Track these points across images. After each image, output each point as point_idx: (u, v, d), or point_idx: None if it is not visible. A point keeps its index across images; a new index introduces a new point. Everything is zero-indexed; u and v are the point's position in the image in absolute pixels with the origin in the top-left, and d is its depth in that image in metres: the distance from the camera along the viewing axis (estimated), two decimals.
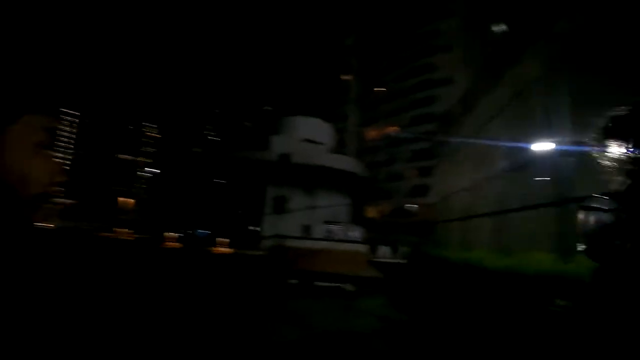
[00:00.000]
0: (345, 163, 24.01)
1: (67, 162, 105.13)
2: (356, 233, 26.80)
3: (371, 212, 50.91)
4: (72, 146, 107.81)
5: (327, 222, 24.46)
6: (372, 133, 57.88)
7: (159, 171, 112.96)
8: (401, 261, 12.20)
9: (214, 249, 21.34)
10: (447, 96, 47.58)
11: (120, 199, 63.81)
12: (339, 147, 46.67)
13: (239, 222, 25.67)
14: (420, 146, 48.64)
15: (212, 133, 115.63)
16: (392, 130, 54.63)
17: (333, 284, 7.46)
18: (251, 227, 24.49)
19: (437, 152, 43.90)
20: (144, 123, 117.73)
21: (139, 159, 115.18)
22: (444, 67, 48.48)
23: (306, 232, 22.20)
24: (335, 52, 65.96)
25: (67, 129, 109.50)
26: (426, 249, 10.65)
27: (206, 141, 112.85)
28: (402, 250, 17.12)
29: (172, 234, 24.14)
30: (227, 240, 21.76)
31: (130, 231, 28.40)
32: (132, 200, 60.93)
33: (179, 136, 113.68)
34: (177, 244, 20.81)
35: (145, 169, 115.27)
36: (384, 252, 17.61)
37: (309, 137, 23.46)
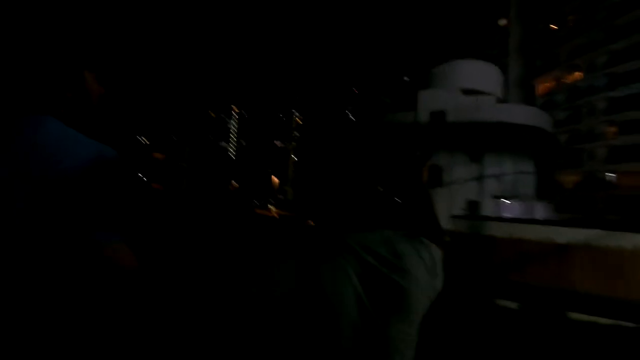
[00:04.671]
0: (527, 115, 17.44)
1: (233, 150, 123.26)
2: (541, 212, 20.03)
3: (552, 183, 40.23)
4: (236, 137, 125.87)
5: (497, 197, 18.70)
6: (544, 85, 45.46)
7: (303, 154, 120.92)
8: None
9: None
10: None
11: (274, 179, 69.87)
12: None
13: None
14: (628, 91, 34.90)
15: (352, 113, 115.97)
16: (575, 76, 41.46)
17: (616, 322, 3.16)
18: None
19: None
20: (293, 111, 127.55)
21: (290, 144, 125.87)
22: None
23: (472, 209, 17.21)
24: None
25: (234, 122, 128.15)
26: None
27: (347, 121, 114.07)
28: None
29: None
30: None
31: (278, 210, 28.89)
32: (277, 180, 65.72)
33: (321, 120, 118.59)
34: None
35: (295, 153, 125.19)
36: None
37: (470, 86, 17.86)
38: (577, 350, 3.33)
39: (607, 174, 36.66)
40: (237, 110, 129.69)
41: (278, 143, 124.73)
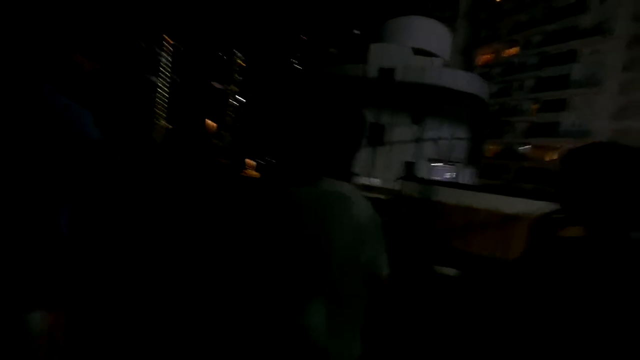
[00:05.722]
0: (471, 83, 17.82)
1: (165, 87, 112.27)
2: (467, 177, 21.32)
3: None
4: (169, 73, 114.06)
5: (432, 160, 19.47)
6: (484, 57, 47.39)
7: (245, 99, 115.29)
8: None
9: None
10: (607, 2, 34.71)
11: (210, 123, 65.80)
12: None
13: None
14: (553, 72, 37.88)
15: (299, 61, 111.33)
16: (511, 52, 43.75)
17: None
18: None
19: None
20: (234, 51, 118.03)
21: (229, 87, 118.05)
22: None
23: (409, 171, 17.70)
24: None
25: (166, 56, 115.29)
26: None
27: (292, 69, 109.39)
28: None
29: (252, 161, 21.80)
30: None
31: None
32: (213, 124, 62.06)
33: (265, 65, 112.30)
34: (255, 173, 18.25)
35: (234, 97, 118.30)
36: None
37: (422, 45, 17.50)
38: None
39: (522, 147, 40.59)
40: (171, 42, 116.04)
41: (216, 84, 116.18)
